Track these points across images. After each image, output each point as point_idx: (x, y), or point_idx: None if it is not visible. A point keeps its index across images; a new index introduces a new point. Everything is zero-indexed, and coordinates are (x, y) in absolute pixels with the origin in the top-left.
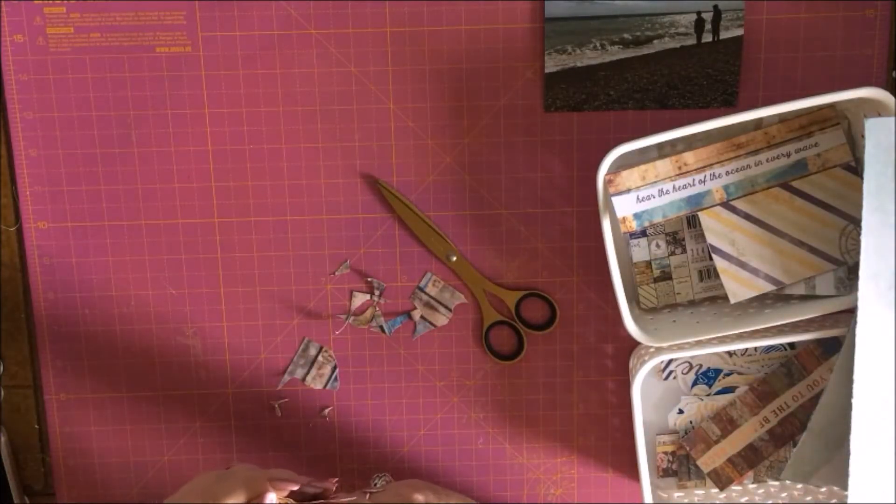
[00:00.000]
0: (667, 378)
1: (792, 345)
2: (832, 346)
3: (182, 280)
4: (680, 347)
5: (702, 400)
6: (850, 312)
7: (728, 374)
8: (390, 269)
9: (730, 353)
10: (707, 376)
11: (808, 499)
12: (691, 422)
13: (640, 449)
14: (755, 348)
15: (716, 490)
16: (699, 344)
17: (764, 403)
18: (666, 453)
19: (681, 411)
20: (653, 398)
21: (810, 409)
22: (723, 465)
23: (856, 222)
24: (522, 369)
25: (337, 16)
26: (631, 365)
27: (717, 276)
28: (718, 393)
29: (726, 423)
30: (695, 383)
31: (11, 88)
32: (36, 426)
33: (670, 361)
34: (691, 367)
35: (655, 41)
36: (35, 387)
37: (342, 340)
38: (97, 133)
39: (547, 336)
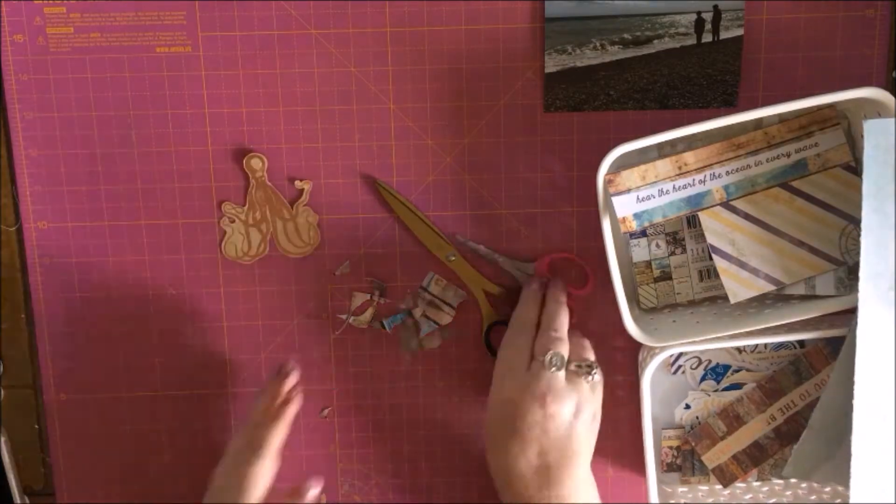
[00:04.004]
0: (675, 372)
1: (801, 343)
2: (841, 346)
3: (182, 280)
4: (690, 342)
5: (709, 395)
6: (852, 312)
7: (737, 371)
8: (390, 269)
9: (739, 350)
10: (716, 372)
11: (813, 498)
12: (697, 417)
13: (647, 442)
14: (765, 345)
15: (720, 487)
16: (705, 340)
17: (771, 401)
18: (671, 448)
19: (687, 406)
20: (659, 392)
21: None
22: (727, 462)
23: (856, 222)
24: None
25: (337, 16)
26: (640, 358)
27: (717, 276)
28: (726, 389)
29: (732, 419)
30: (703, 378)
31: (11, 88)
32: (36, 426)
33: (679, 356)
34: (700, 362)
35: (655, 41)
36: (35, 387)
37: (342, 340)
38: (97, 133)
39: None
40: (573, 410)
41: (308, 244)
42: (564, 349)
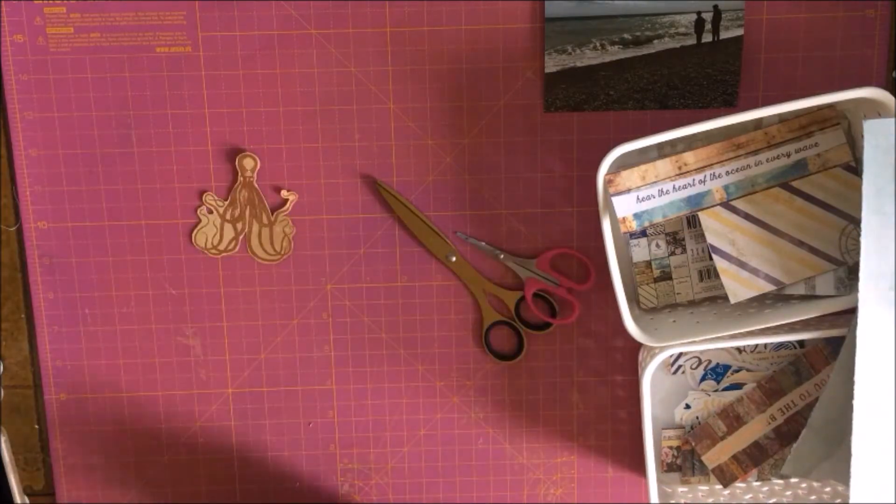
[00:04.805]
0: (675, 372)
1: (801, 343)
2: (841, 346)
3: (182, 280)
4: (690, 342)
5: (709, 395)
6: (851, 312)
7: (737, 371)
8: (390, 269)
9: (739, 350)
10: (716, 372)
11: (813, 498)
12: (698, 417)
13: (647, 442)
14: (765, 345)
15: (720, 487)
16: (706, 340)
17: (771, 401)
18: (671, 448)
19: (687, 406)
20: (660, 392)
21: None
22: (727, 462)
23: (856, 222)
24: (522, 369)
25: (337, 16)
26: (640, 358)
27: (717, 276)
28: (726, 389)
29: (732, 419)
30: (703, 378)
31: (11, 88)
32: (36, 426)
33: (679, 356)
34: (700, 362)
35: (655, 41)
36: (35, 387)
37: (342, 340)
38: (97, 133)
39: (547, 336)
40: None
41: (279, 254)
42: None
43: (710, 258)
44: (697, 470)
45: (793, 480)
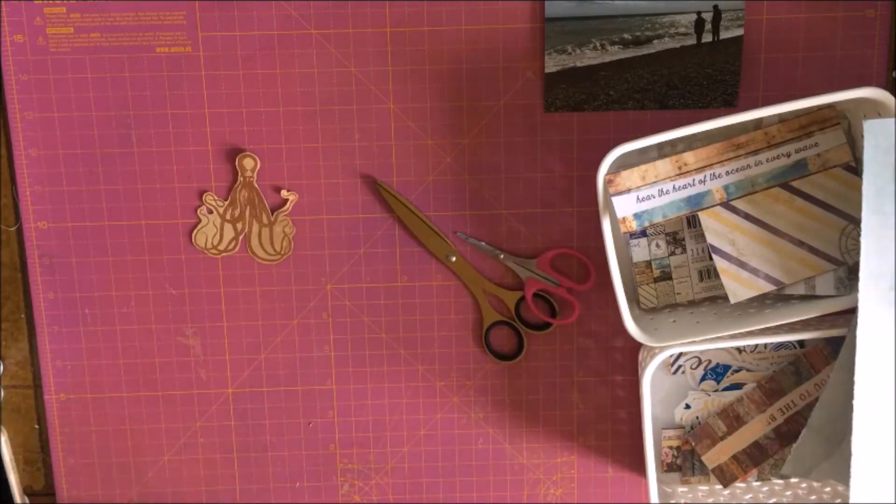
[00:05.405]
0: (675, 372)
1: (801, 343)
2: (841, 346)
3: (182, 280)
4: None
5: (709, 395)
6: (851, 312)
7: (737, 371)
8: (390, 269)
9: (739, 350)
10: (716, 372)
11: (813, 498)
12: (698, 417)
13: (647, 442)
14: (765, 345)
15: (720, 487)
16: (706, 340)
17: (771, 401)
18: (671, 448)
19: (687, 406)
20: (660, 392)
21: None
22: (727, 462)
23: (856, 222)
24: (522, 369)
25: (337, 16)
26: (640, 358)
27: (717, 276)
28: (726, 389)
29: (732, 419)
30: (703, 378)
31: (11, 88)
32: (36, 426)
33: (679, 356)
34: (700, 362)
35: (655, 41)
36: (35, 387)
37: (342, 340)
38: (97, 133)
39: (547, 336)
40: None
41: (279, 253)
42: None
43: (710, 258)
44: (697, 470)
45: (793, 480)
